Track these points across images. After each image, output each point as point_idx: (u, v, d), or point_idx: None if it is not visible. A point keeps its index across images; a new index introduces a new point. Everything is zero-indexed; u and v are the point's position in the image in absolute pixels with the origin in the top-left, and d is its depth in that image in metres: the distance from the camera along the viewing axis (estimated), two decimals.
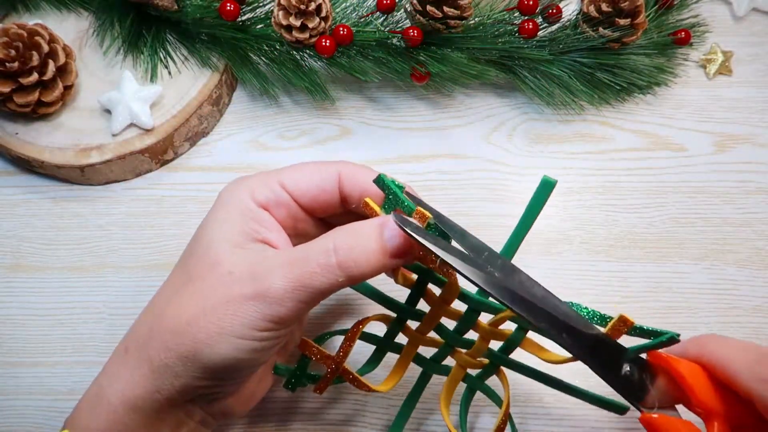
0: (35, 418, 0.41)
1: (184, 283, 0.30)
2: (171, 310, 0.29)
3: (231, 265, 0.29)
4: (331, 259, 0.27)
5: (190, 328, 0.28)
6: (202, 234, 0.31)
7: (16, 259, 0.45)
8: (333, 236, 0.28)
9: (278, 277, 0.27)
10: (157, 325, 0.29)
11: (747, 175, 0.48)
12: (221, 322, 0.28)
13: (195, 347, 0.28)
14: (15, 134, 0.46)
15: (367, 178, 0.32)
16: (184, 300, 0.29)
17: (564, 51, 0.48)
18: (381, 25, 0.47)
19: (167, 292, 0.31)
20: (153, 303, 0.31)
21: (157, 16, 0.48)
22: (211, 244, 0.30)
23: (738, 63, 0.52)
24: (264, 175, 0.32)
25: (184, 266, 0.31)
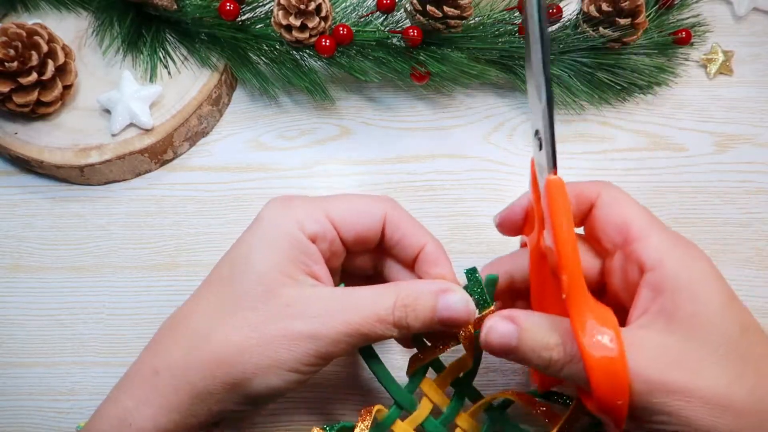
0: (34, 419, 0.41)
1: (232, 309, 0.29)
2: (218, 337, 0.29)
3: (287, 298, 0.29)
4: (390, 317, 0.29)
5: (241, 357, 0.28)
6: (248, 258, 0.30)
7: (15, 259, 0.45)
8: (393, 292, 0.30)
9: (338, 321, 0.28)
10: (199, 351, 0.29)
11: (747, 175, 0.48)
12: (276, 355, 0.28)
13: (244, 377, 0.28)
14: (14, 134, 0.46)
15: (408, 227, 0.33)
16: (234, 328, 0.29)
17: (564, 51, 0.47)
18: (381, 25, 0.47)
19: (209, 316, 0.30)
20: (189, 325, 0.30)
21: (156, 16, 0.48)
22: (263, 272, 0.29)
23: (738, 63, 0.52)
24: (311, 203, 0.32)
25: (224, 289, 0.30)
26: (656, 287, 0.28)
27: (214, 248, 0.45)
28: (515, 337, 0.28)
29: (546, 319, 0.28)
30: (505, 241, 0.44)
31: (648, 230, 0.30)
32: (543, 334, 0.28)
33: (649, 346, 0.26)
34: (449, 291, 0.30)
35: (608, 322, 0.26)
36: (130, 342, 0.43)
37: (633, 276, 0.30)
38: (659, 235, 0.29)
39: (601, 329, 0.26)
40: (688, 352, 0.26)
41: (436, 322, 0.30)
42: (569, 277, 0.26)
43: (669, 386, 0.26)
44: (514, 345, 0.28)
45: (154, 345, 0.31)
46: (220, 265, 0.32)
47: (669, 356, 0.26)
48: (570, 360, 0.27)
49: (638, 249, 0.29)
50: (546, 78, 0.25)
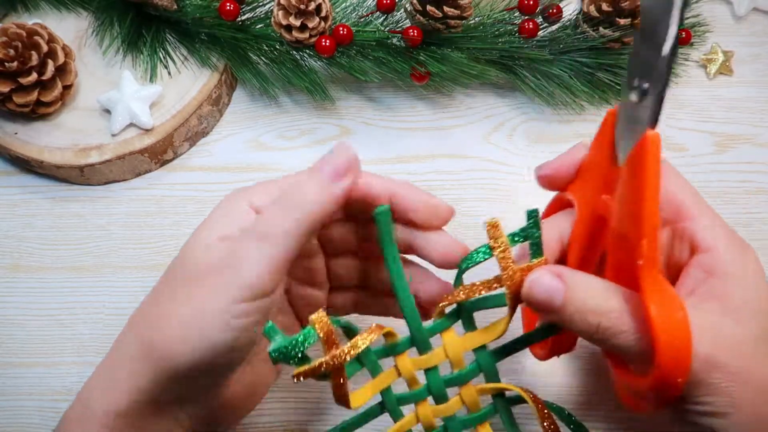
0: (34, 419, 0.41)
1: (163, 282, 0.30)
2: (152, 310, 0.29)
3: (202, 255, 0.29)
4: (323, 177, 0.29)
5: (162, 321, 0.28)
6: (193, 234, 0.31)
7: (15, 259, 0.45)
8: None
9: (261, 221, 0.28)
10: (138, 328, 0.30)
11: (747, 175, 0.48)
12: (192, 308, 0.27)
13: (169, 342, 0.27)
14: (14, 134, 0.46)
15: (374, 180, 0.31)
16: (160, 300, 0.29)
17: (564, 51, 0.47)
18: (381, 25, 0.47)
19: (149, 296, 0.31)
20: (138, 308, 0.31)
21: (156, 16, 0.48)
22: (199, 240, 0.30)
23: (738, 63, 0.52)
24: (265, 182, 0.32)
25: (168, 271, 0.31)
26: (708, 269, 0.28)
27: None
28: (561, 295, 0.26)
29: (598, 282, 0.27)
30: None
31: (700, 210, 0.29)
32: (594, 297, 0.26)
33: (705, 326, 0.26)
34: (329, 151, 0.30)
35: (676, 297, 0.25)
36: None
37: (680, 254, 0.29)
38: (712, 218, 0.29)
39: (676, 303, 0.25)
40: (741, 337, 0.26)
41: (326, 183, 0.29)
42: (649, 243, 0.25)
43: (725, 367, 0.25)
44: (559, 303, 0.26)
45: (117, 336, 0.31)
46: None
47: (723, 338, 0.26)
48: (624, 330, 0.26)
49: (691, 228, 0.29)
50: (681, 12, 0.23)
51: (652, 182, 0.25)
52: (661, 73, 0.24)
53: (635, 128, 0.25)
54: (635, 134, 0.25)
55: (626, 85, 0.26)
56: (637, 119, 0.25)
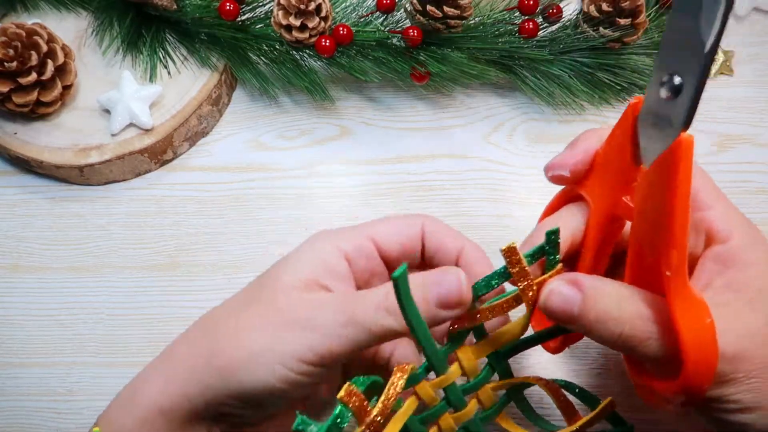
0: (33, 419, 0.40)
1: (242, 307, 0.30)
2: (222, 325, 0.30)
3: (295, 300, 0.29)
4: (383, 302, 0.27)
5: (235, 342, 0.28)
6: (274, 268, 0.31)
7: (15, 259, 0.45)
8: (387, 287, 0.28)
9: (331, 309, 0.28)
10: (204, 337, 0.30)
11: (747, 175, 0.48)
12: (268, 343, 0.28)
13: (237, 362, 0.28)
14: (14, 134, 0.46)
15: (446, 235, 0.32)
16: (236, 322, 0.30)
17: (564, 51, 0.47)
18: (381, 25, 0.47)
19: (222, 311, 0.31)
20: (207, 319, 0.32)
21: (156, 16, 0.48)
22: (280, 276, 0.30)
23: (738, 63, 0.52)
24: (355, 228, 0.33)
25: (246, 292, 0.32)
26: (724, 261, 0.27)
27: (214, 248, 0.45)
28: (578, 304, 0.26)
29: (617, 287, 0.26)
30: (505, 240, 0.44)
31: (714, 199, 0.28)
32: (614, 304, 0.25)
33: (727, 324, 0.25)
34: (442, 271, 0.28)
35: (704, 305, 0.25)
36: (129, 342, 0.43)
37: (695, 244, 0.28)
38: (726, 207, 0.28)
39: (702, 310, 0.24)
40: (759, 327, 0.26)
41: (431, 304, 0.27)
42: (678, 255, 0.23)
43: (749, 362, 0.25)
44: (576, 313, 0.26)
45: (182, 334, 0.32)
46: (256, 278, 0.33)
47: (744, 331, 0.25)
48: (649, 338, 0.25)
49: (706, 218, 0.28)
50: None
51: (683, 190, 0.23)
52: (701, 68, 0.21)
53: (664, 128, 0.23)
54: (664, 135, 0.23)
55: (654, 78, 0.23)
56: (666, 118, 0.22)
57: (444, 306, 0.27)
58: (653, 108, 0.23)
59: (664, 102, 0.22)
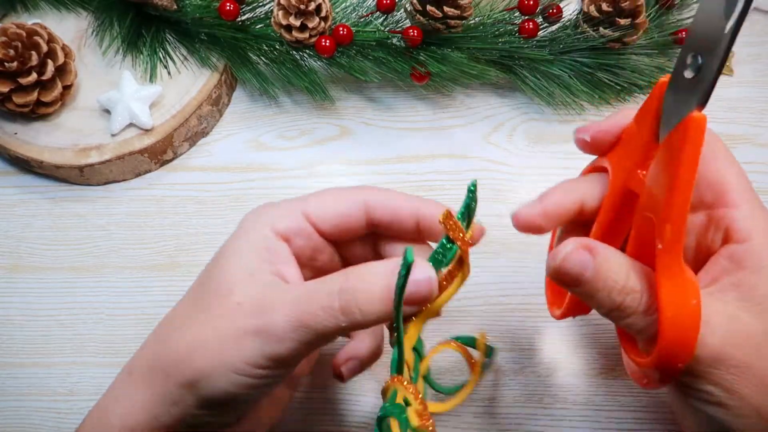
0: (34, 419, 0.40)
1: (193, 310, 0.29)
2: (175, 337, 0.29)
3: (241, 296, 0.28)
4: (334, 302, 0.26)
5: (189, 356, 0.27)
6: (216, 262, 0.30)
7: (15, 259, 0.45)
8: (340, 278, 0.27)
9: (281, 314, 0.27)
10: (160, 351, 0.29)
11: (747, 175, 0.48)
12: (221, 355, 0.27)
13: (193, 377, 0.27)
14: (14, 134, 0.46)
15: (397, 202, 0.31)
16: (189, 328, 0.28)
17: (564, 51, 0.47)
18: (381, 25, 0.47)
19: (174, 319, 0.30)
20: (160, 328, 0.31)
21: (156, 16, 0.48)
22: (225, 273, 0.29)
23: (738, 63, 0.52)
24: (287, 203, 0.31)
25: (195, 293, 0.30)
26: (738, 261, 0.27)
27: (214, 248, 0.45)
28: (591, 269, 0.25)
29: (625, 259, 0.26)
30: (505, 240, 0.44)
31: (743, 198, 0.28)
32: (623, 275, 0.26)
33: (720, 317, 0.25)
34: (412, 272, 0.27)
35: (693, 286, 0.25)
36: (129, 342, 0.43)
37: (713, 240, 0.28)
38: (752, 207, 0.28)
39: (691, 291, 0.24)
40: (755, 331, 0.26)
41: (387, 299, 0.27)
42: (673, 230, 0.24)
43: (731, 360, 0.25)
44: (587, 277, 0.25)
45: (138, 350, 0.31)
46: (201, 274, 0.31)
47: (737, 330, 0.25)
48: (644, 311, 0.25)
49: (729, 216, 0.28)
50: None
51: (688, 167, 0.23)
52: (721, 49, 0.22)
53: (683, 106, 0.24)
54: (681, 112, 0.24)
55: (681, 56, 0.24)
56: (687, 97, 0.24)
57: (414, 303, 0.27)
58: (678, 86, 0.24)
59: (687, 81, 0.24)
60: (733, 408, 0.25)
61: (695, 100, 0.23)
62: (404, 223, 0.31)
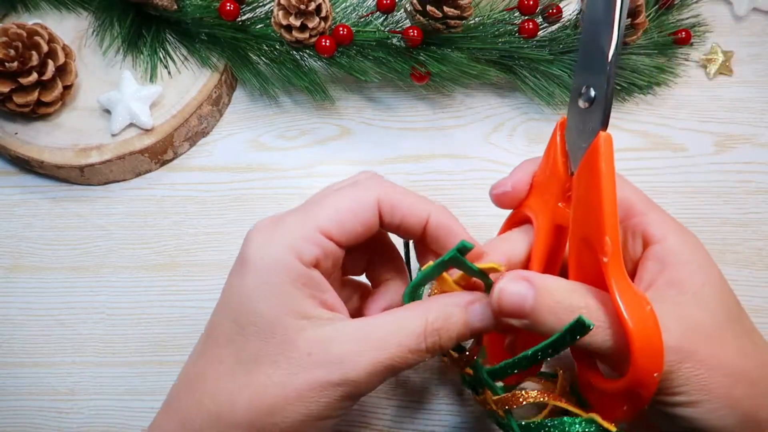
0: (34, 419, 0.41)
1: (251, 367, 0.27)
2: (243, 401, 0.26)
3: (307, 345, 0.26)
4: (422, 345, 0.27)
5: (272, 418, 0.26)
6: (251, 307, 0.27)
7: (15, 259, 0.45)
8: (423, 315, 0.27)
9: (366, 363, 0.26)
10: (227, 417, 0.26)
11: (747, 175, 0.48)
12: (307, 409, 0.26)
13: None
14: (14, 134, 0.46)
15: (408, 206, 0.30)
16: (257, 388, 0.26)
17: (564, 51, 0.47)
18: (381, 25, 0.47)
19: (227, 378, 0.27)
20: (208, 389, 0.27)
21: (156, 16, 0.48)
22: (272, 319, 0.27)
23: (738, 63, 0.52)
24: (299, 223, 0.28)
25: (240, 345, 0.27)
26: (663, 260, 0.28)
27: (214, 248, 0.45)
28: (531, 297, 0.26)
29: (565, 282, 0.27)
30: None
31: (648, 206, 0.30)
32: (565, 295, 0.26)
33: (671, 317, 0.26)
34: (475, 302, 0.28)
35: (641, 293, 0.26)
36: (130, 342, 0.43)
37: (634, 249, 0.30)
38: (659, 213, 0.30)
39: (641, 299, 0.25)
40: (704, 323, 0.26)
41: (467, 334, 0.28)
42: (612, 239, 0.25)
43: (695, 355, 0.25)
44: (530, 306, 0.26)
45: (175, 411, 0.28)
46: (220, 317, 0.29)
47: (689, 326, 0.26)
48: (599, 327, 0.25)
49: (643, 222, 0.30)
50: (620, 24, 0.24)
51: (608, 180, 0.25)
52: (607, 77, 0.25)
53: (587, 133, 0.26)
54: (588, 138, 0.26)
55: (573, 94, 0.27)
56: (588, 125, 0.26)
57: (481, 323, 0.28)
58: (576, 120, 0.27)
59: (584, 112, 0.26)
60: (705, 403, 0.26)
61: (598, 125, 0.26)
62: (412, 227, 0.30)
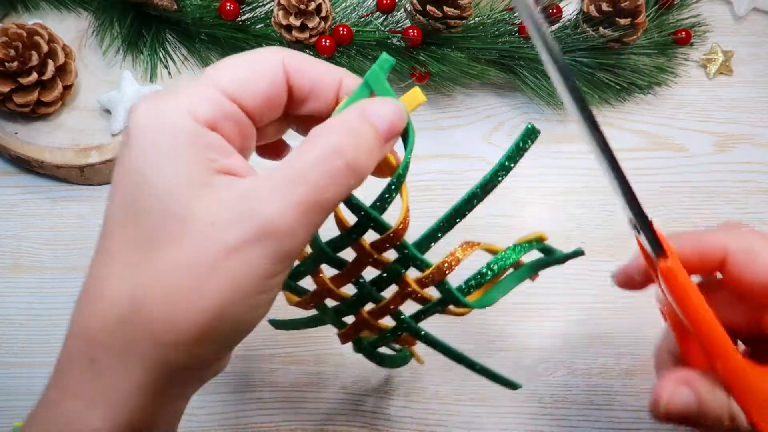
0: None
1: (148, 254, 0.22)
2: (149, 293, 0.22)
3: (207, 213, 0.22)
4: (337, 161, 0.22)
5: (189, 305, 0.21)
6: (141, 183, 0.22)
7: (15, 259, 0.45)
8: (324, 138, 0.23)
9: (279, 204, 0.21)
10: (134, 318, 0.22)
11: (747, 175, 0.48)
12: (227, 283, 0.21)
13: (204, 326, 0.21)
14: (14, 134, 0.46)
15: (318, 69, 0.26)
16: (162, 276, 0.22)
17: (564, 51, 0.47)
18: (381, 25, 0.47)
19: (128, 273, 0.23)
20: (104, 293, 0.23)
21: (156, 16, 0.48)
22: (167, 191, 0.22)
23: (738, 63, 0.52)
24: (193, 85, 0.24)
25: (132, 232, 0.23)
26: None
27: None
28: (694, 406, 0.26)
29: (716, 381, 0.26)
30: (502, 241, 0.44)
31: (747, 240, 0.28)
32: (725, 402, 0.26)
33: None
34: (369, 103, 0.25)
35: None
36: None
37: None
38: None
39: None
40: None
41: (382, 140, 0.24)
42: (722, 363, 0.25)
43: None
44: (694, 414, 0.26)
45: (78, 327, 0.24)
46: (110, 206, 0.24)
47: None
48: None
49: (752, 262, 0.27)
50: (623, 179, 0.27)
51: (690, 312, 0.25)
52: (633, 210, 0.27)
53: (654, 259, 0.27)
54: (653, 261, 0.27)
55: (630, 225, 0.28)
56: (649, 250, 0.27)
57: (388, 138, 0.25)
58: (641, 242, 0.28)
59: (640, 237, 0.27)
60: None
61: (655, 253, 0.26)
62: (324, 93, 0.26)
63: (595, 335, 0.42)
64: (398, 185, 0.27)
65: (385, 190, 0.27)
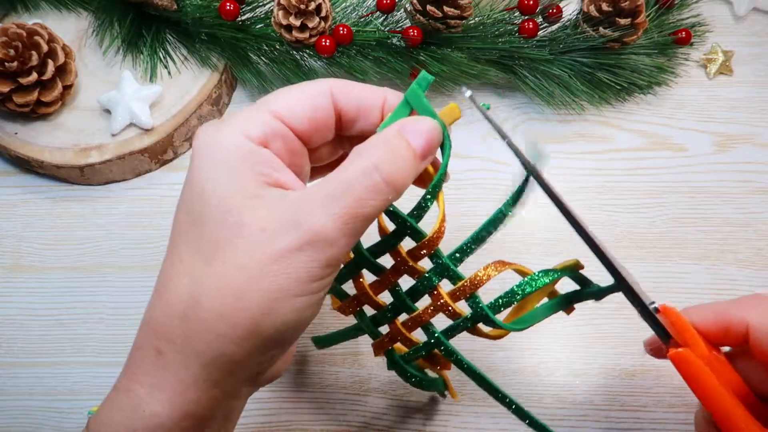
0: (35, 419, 0.41)
1: (208, 256, 0.25)
2: (207, 292, 0.25)
3: (258, 221, 0.24)
4: (376, 177, 0.25)
5: (240, 303, 0.24)
6: (201, 194, 0.26)
7: (15, 259, 0.45)
8: (364, 155, 0.25)
9: (323, 216, 0.24)
10: (194, 314, 0.25)
11: (747, 175, 0.48)
12: (274, 285, 0.24)
13: (252, 322, 0.24)
14: (14, 134, 0.46)
15: (362, 91, 0.29)
16: (218, 277, 0.25)
17: (564, 51, 0.47)
18: (381, 25, 0.47)
19: (189, 273, 0.26)
20: (170, 290, 0.26)
21: (156, 16, 0.48)
22: (222, 201, 0.25)
23: (738, 63, 0.52)
24: (250, 110, 0.27)
25: (195, 236, 0.26)
26: None
27: None
28: None
29: None
30: (502, 243, 0.44)
31: None
32: None
33: None
34: (408, 121, 0.27)
35: None
36: (130, 342, 0.42)
37: None
38: None
39: None
40: None
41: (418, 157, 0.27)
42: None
43: None
44: None
45: (148, 321, 0.27)
46: (176, 215, 0.27)
47: None
48: None
49: None
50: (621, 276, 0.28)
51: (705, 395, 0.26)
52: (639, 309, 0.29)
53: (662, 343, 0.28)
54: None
55: None
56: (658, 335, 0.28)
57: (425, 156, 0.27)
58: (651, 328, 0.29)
59: None
60: None
61: (663, 339, 0.27)
62: (371, 113, 0.29)
63: (595, 335, 0.42)
64: (434, 194, 0.28)
65: (422, 199, 0.29)
